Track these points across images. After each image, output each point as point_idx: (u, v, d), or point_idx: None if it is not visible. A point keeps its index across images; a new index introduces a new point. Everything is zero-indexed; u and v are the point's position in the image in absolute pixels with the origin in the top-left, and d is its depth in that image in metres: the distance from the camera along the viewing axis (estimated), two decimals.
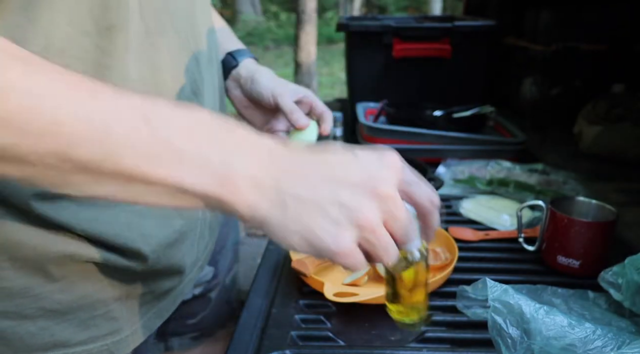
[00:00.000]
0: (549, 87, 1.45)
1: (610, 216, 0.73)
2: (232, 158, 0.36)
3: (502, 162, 1.07)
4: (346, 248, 0.38)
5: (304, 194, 0.37)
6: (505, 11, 1.66)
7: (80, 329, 0.51)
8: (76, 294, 0.50)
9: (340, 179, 0.38)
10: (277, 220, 0.37)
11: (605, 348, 0.49)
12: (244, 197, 0.36)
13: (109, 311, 0.52)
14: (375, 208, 0.38)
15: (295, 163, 0.38)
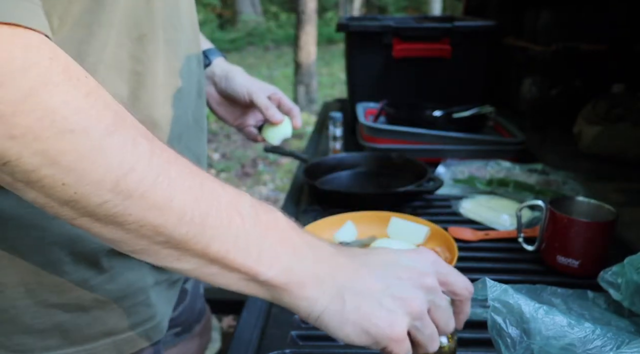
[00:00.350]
0: (548, 87, 1.46)
1: (610, 216, 0.73)
2: (300, 257, 0.41)
3: (502, 162, 1.07)
4: (400, 334, 0.41)
5: (360, 288, 0.41)
6: (505, 11, 1.66)
7: (125, 317, 0.54)
8: (122, 284, 0.53)
9: (390, 275, 0.43)
10: (334, 312, 0.41)
11: (604, 348, 0.49)
12: (307, 291, 0.40)
13: (147, 298, 0.56)
14: (422, 298, 0.42)
15: (351, 263, 0.42)
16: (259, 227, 0.40)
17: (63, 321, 0.51)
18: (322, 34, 8.24)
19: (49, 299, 0.50)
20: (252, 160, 3.98)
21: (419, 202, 0.98)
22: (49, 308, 0.50)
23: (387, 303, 0.41)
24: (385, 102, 1.29)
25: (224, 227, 0.38)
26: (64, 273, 0.50)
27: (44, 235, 0.48)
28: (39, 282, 0.49)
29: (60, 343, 0.51)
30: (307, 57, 5.24)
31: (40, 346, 0.51)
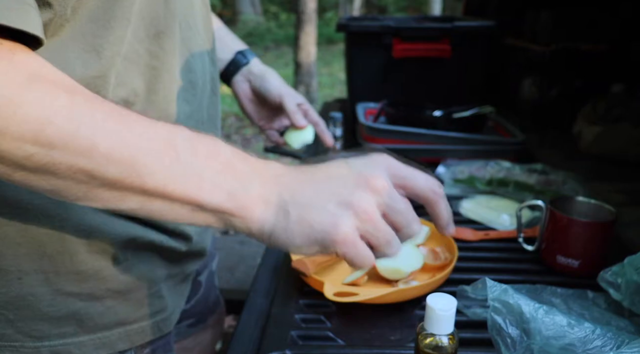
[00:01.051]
0: (548, 87, 1.46)
1: (610, 216, 0.73)
2: (243, 182, 0.42)
3: (502, 162, 1.07)
4: (346, 235, 0.41)
5: (304, 201, 0.42)
6: (504, 11, 1.66)
7: (136, 308, 0.56)
8: (134, 275, 0.55)
9: (336, 184, 0.43)
10: (282, 229, 0.42)
11: (604, 348, 0.49)
12: (254, 214, 0.41)
13: (158, 290, 0.58)
14: (370, 199, 0.42)
15: (296, 180, 0.43)
16: (196, 158, 0.41)
17: (78, 309, 0.52)
18: (322, 34, 8.24)
19: (65, 288, 0.51)
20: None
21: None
22: (65, 296, 0.52)
23: (331, 208, 0.41)
24: (385, 102, 1.29)
25: (157, 162, 0.39)
26: (80, 262, 0.51)
27: (62, 225, 0.50)
28: (56, 271, 0.51)
29: (75, 331, 0.53)
30: (307, 57, 5.24)
31: (56, 333, 0.52)
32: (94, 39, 0.47)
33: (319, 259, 0.69)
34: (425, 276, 0.72)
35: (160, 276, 0.59)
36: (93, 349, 0.54)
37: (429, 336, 0.46)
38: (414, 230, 0.45)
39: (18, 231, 0.49)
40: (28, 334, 0.52)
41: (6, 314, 0.51)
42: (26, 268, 0.50)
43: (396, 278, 0.69)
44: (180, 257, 0.62)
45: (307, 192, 0.42)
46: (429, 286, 0.66)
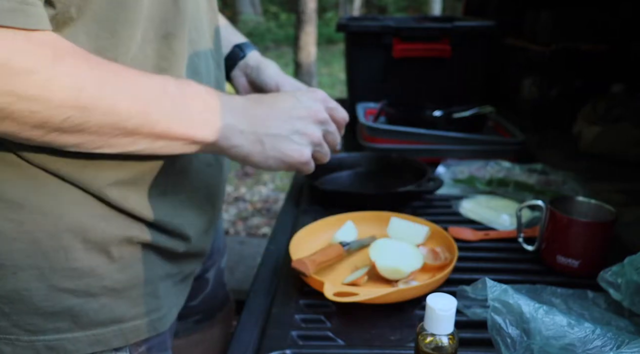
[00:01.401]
0: (548, 87, 1.46)
1: (610, 216, 0.73)
2: (221, 117, 0.52)
3: (502, 162, 1.07)
4: (307, 158, 0.57)
5: (274, 132, 0.55)
6: (504, 11, 1.66)
7: (132, 306, 0.57)
8: (130, 274, 0.56)
9: (294, 117, 0.57)
10: (257, 153, 0.54)
11: (604, 348, 0.49)
12: (233, 141, 0.53)
13: (154, 290, 0.59)
14: (318, 129, 0.58)
15: (263, 113, 0.55)
16: (185, 100, 0.50)
17: (73, 306, 0.53)
18: (322, 34, 8.24)
19: (59, 284, 0.52)
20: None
21: (419, 202, 0.98)
22: (59, 292, 0.52)
23: (296, 139, 0.56)
24: (385, 102, 1.29)
25: (162, 110, 0.48)
26: (75, 259, 0.52)
27: (57, 222, 0.51)
28: (50, 267, 0.52)
29: (69, 326, 0.54)
30: (307, 57, 5.24)
31: (51, 328, 0.53)
32: (97, 41, 0.48)
33: (319, 259, 0.70)
34: (425, 276, 0.72)
35: (156, 275, 0.59)
36: (88, 346, 0.55)
37: (429, 336, 0.46)
38: (337, 141, 0.62)
39: (13, 227, 0.50)
40: (23, 328, 0.52)
41: (1, 308, 0.52)
42: (21, 263, 0.51)
43: (396, 277, 0.69)
44: (179, 258, 0.63)
45: (272, 123, 0.55)
46: (429, 286, 0.66)
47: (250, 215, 3.02)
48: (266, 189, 3.44)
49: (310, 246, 0.77)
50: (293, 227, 0.89)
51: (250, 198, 3.26)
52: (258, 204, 3.19)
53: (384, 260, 0.70)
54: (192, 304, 0.83)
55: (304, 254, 0.71)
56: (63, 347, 0.54)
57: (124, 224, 0.55)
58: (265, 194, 3.35)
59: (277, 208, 3.05)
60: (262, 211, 3.10)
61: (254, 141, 0.54)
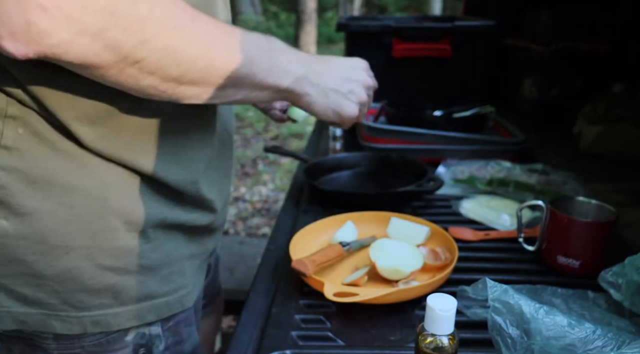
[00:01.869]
0: (548, 87, 1.46)
1: (610, 216, 0.73)
2: (300, 68, 0.59)
3: (502, 162, 1.07)
4: (355, 114, 0.66)
5: (335, 88, 0.63)
6: (505, 11, 1.66)
7: (163, 283, 0.61)
8: (162, 253, 0.60)
9: (351, 78, 0.66)
10: (321, 103, 0.63)
11: (605, 348, 0.49)
12: (305, 90, 0.60)
13: (181, 268, 0.63)
14: (365, 93, 0.67)
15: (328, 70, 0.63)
16: (275, 53, 0.56)
17: (115, 283, 0.57)
18: (322, 34, 8.24)
19: (104, 263, 0.56)
20: (252, 160, 3.98)
21: (419, 202, 0.97)
22: (104, 270, 0.57)
23: (351, 97, 0.65)
24: (385, 102, 1.29)
25: (260, 64, 0.54)
26: (119, 240, 0.56)
27: (105, 205, 0.55)
28: (98, 247, 0.56)
29: (112, 302, 0.58)
30: None
31: (96, 304, 0.57)
32: None
33: (319, 260, 0.69)
34: (425, 276, 0.72)
35: (183, 255, 0.63)
36: (126, 320, 0.59)
37: (429, 336, 0.46)
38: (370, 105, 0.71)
39: (66, 210, 0.54)
40: (72, 305, 0.56)
41: (53, 286, 0.55)
42: (73, 244, 0.55)
43: (396, 278, 0.69)
44: (203, 235, 0.67)
45: (334, 80, 0.63)
46: (429, 286, 0.66)
47: (250, 215, 3.02)
48: (266, 189, 3.44)
49: (310, 246, 0.77)
50: (293, 227, 0.89)
51: (250, 198, 3.26)
52: (258, 204, 3.19)
53: (384, 260, 0.69)
54: None
55: (304, 254, 0.71)
56: (106, 322, 0.58)
57: (160, 206, 0.59)
58: (265, 194, 3.35)
59: (277, 208, 3.05)
60: (262, 211, 3.10)
61: (320, 93, 0.62)
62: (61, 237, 0.54)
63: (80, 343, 0.58)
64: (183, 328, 0.66)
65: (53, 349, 0.59)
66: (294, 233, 0.79)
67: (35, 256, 0.54)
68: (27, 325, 0.56)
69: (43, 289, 0.55)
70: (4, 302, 0.56)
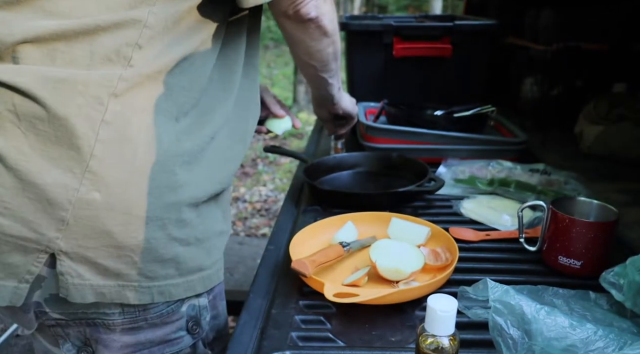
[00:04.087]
0: (549, 86, 1.45)
1: (612, 216, 0.73)
2: None
3: (503, 162, 1.06)
4: None
5: None
6: (506, 11, 1.66)
7: (207, 256, 0.66)
8: (207, 226, 0.65)
9: None
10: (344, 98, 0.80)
11: (606, 349, 0.49)
12: None
13: (217, 243, 0.67)
14: None
15: None
16: None
17: (178, 253, 0.61)
18: None
19: (172, 233, 0.60)
20: (252, 160, 3.98)
21: (419, 202, 0.97)
22: (172, 241, 0.61)
23: None
24: (385, 101, 1.29)
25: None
26: (183, 211, 0.61)
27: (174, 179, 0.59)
28: (169, 218, 0.60)
29: (174, 273, 0.62)
30: None
31: (163, 274, 0.61)
32: None
33: (319, 260, 0.69)
34: (426, 276, 0.72)
35: (217, 231, 0.67)
36: (183, 291, 0.63)
37: (429, 337, 0.45)
38: None
39: (146, 182, 0.58)
40: (145, 275, 0.60)
41: (132, 257, 0.59)
42: (151, 215, 0.58)
43: (397, 278, 0.69)
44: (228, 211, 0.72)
45: None
46: (429, 287, 0.66)
47: (249, 215, 3.02)
48: (266, 189, 3.44)
49: (310, 246, 0.77)
50: (293, 227, 0.88)
51: (249, 198, 3.26)
52: (257, 204, 3.19)
53: (385, 261, 0.69)
54: None
55: (304, 254, 0.71)
56: (169, 292, 0.62)
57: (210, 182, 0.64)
58: (265, 194, 3.35)
59: (277, 208, 3.05)
60: (262, 211, 3.09)
61: None
62: (142, 209, 0.58)
63: (145, 315, 0.62)
64: (219, 302, 0.71)
65: (118, 324, 0.61)
66: (294, 233, 0.79)
67: (120, 227, 0.57)
68: (104, 297, 0.59)
69: (123, 260, 0.58)
70: (86, 275, 0.58)
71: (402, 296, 0.65)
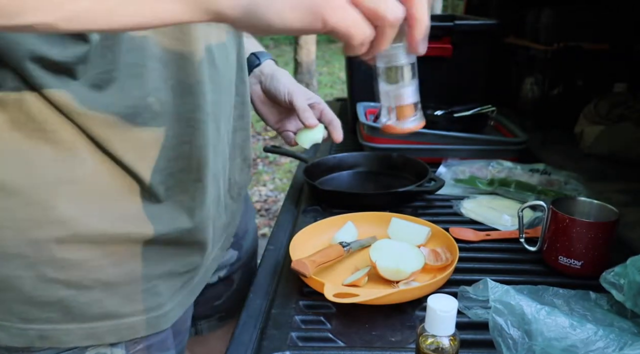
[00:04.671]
0: (550, 86, 1.45)
1: (612, 216, 0.73)
2: None
3: (503, 162, 1.06)
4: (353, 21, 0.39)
5: None
6: (506, 10, 1.65)
7: (126, 302, 0.56)
8: (125, 269, 0.55)
9: None
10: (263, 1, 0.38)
11: (607, 349, 0.49)
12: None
13: (153, 287, 0.58)
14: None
15: None
16: None
17: (64, 297, 0.53)
18: None
19: (48, 274, 0.52)
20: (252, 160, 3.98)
21: (419, 202, 0.97)
22: (49, 283, 0.52)
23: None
24: None
25: None
26: (66, 250, 0.52)
27: (48, 213, 0.50)
28: (39, 256, 0.51)
29: (61, 317, 0.54)
30: (307, 55, 5.25)
31: (43, 317, 0.53)
32: None
33: (319, 260, 0.69)
34: (426, 276, 0.72)
35: (156, 272, 0.58)
36: (81, 339, 0.55)
37: (430, 337, 0.45)
38: None
39: (3, 214, 0.50)
40: (17, 316, 0.53)
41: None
42: (9, 251, 0.51)
43: (397, 278, 0.69)
44: (179, 252, 0.61)
45: None
46: (430, 287, 0.66)
47: None
48: (266, 189, 3.44)
49: (310, 246, 0.77)
50: (293, 227, 0.88)
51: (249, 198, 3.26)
52: (258, 204, 3.19)
53: (385, 261, 0.69)
54: (217, 303, 0.84)
55: (304, 254, 0.71)
56: (57, 337, 0.54)
57: (119, 221, 0.54)
58: (265, 194, 3.35)
59: (277, 208, 3.05)
60: (262, 211, 3.09)
61: None
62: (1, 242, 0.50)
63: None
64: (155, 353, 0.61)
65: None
66: (294, 233, 0.79)
67: None
68: None
69: None
70: None
71: (402, 296, 0.65)
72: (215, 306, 0.84)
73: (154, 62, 0.52)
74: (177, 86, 0.55)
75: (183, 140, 0.57)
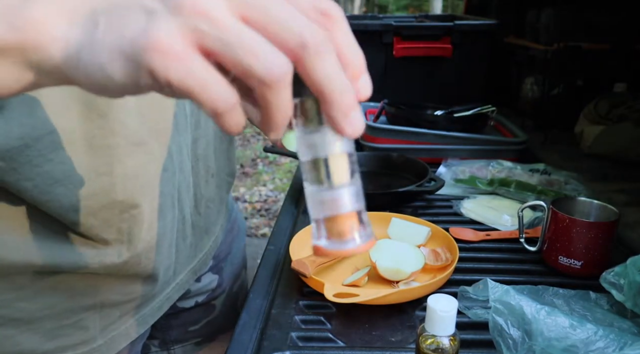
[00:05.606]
0: (550, 86, 1.45)
1: (612, 216, 0.73)
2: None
3: (503, 162, 1.06)
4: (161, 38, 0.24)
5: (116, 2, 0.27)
6: (506, 10, 1.65)
7: (46, 339, 0.50)
8: (42, 304, 0.49)
9: None
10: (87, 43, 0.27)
11: (607, 349, 0.49)
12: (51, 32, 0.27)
13: (80, 321, 0.52)
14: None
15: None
16: None
17: None
18: None
19: None
20: (252, 160, 3.98)
21: (419, 202, 0.97)
22: None
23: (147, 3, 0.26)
24: (385, 101, 1.29)
25: None
26: None
27: None
28: None
29: None
30: None
31: None
32: None
33: (319, 260, 0.69)
34: (426, 276, 0.72)
35: (81, 305, 0.52)
36: None
37: (430, 337, 0.45)
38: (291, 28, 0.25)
39: None
40: None
41: None
42: None
43: (397, 278, 0.69)
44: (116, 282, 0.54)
45: None
46: (430, 287, 0.66)
47: (249, 215, 3.02)
48: (266, 189, 3.44)
49: (310, 246, 0.77)
50: (293, 228, 0.88)
51: (249, 198, 3.26)
52: (257, 204, 3.19)
53: (385, 261, 0.69)
54: (193, 328, 0.80)
55: (304, 254, 0.71)
56: None
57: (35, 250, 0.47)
58: (265, 194, 3.35)
59: (277, 208, 3.05)
60: (262, 211, 3.09)
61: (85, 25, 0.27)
62: None
63: None
64: None
65: None
66: (294, 233, 0.79)
67: None
68: None
69: None
70: None
71: (402, 296, 0.65)
72: (190, 331, 0.79)
73: None
74: (84, 109, 0.45)
75: (99, 172, 0.48)
